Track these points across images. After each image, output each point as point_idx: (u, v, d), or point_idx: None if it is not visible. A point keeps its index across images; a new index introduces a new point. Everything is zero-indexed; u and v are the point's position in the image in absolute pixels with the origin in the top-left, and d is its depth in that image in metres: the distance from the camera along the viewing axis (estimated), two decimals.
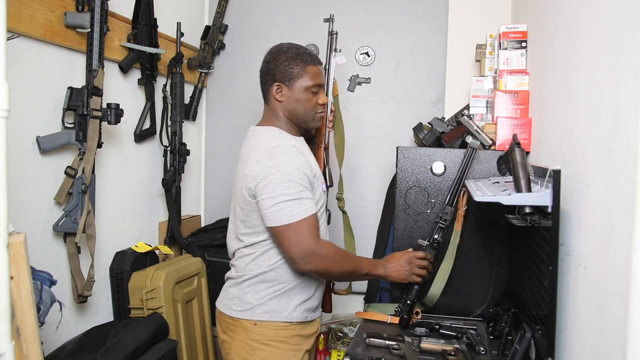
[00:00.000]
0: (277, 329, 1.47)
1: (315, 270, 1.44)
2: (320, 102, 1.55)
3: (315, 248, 1.40)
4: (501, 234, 1.70)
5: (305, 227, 1.40)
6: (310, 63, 1.52)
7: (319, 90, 1.55)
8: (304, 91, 1.51)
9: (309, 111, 1.54)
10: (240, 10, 2.53)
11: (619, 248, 0.86)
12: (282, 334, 1.48)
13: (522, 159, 1.22)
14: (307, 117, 1.55)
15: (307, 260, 1.40)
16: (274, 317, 1.47)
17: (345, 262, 1.49)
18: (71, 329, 1.67)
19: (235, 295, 1.51)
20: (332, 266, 1.45)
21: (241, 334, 1.48)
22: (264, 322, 1.47)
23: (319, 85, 1.54)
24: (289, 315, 1.48)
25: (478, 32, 2.11)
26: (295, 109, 1.52)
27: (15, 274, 0.89)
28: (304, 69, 1.50)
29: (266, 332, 1.47)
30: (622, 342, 0.77)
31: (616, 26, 0.94)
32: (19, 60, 1.45)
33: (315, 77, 1.52)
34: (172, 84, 2.18)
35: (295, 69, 1.50)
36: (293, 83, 1.51)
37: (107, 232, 1.85)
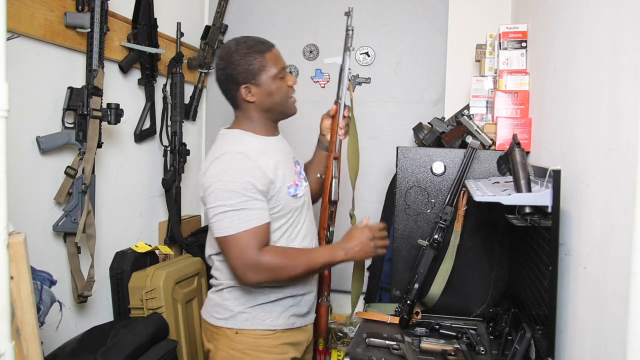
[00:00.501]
0: (259, 337, 1.42)
1: (259, 282, 1.36)
2: (290, 83, 1.48)
3: (254, 261, 1.32)
4: (501, 234, 1.70)
5: (247, 239, 1.32)
6: (265, 50, 1.44)
7: (285, 73, 1.48)
8: (272, 81, 1.44)
9: (284, 98, 1.47)
10: (240, 10, 2.53)
11: (619, 248, 0.86)
12: (264, 343, 1.42)
13: (522, 159, 1.22)
14: (284, 105, 1.48)
15: (248, 275, 1.33)
16: (256, 325, 1.42)
17: (293, 266, 1.37)
18: (71, 329, 1.67)
19: (216, 303, 1.46)
20: (279, 275, 1.36)
21: (224, 342, 1.43)
22: (246, 330, 1.41)
23: (283, 68, 1.47)
24: (272, 323, 1.43)
25: (478, 32, 2.11)
26: (271, 102, 1.46)
27: (15, 274, 0.89)
28: (263, 59, 1.43)
29: (248, 340, 1.41)
30: (622, 342, 0.77)
31: (616, 26, 0.94)
32: (19, 60, 1.45)
33: (276, 62, 1.45)
34: (172, 84, 2.18)
35: (255, 63, 1.42)
36: (259, 78, 1.43)
37: (107, 232, 1.85)
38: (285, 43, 2.51)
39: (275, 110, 1.49)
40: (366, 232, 1.45)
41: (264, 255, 1.33)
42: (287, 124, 1.61)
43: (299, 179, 1.51)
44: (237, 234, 1.32)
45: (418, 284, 1.63)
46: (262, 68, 1.42)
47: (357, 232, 1.46)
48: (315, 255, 1.44)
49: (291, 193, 1.45)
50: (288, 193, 1.44)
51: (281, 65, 1.46)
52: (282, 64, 1.47)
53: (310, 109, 2.47)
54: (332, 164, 1.58)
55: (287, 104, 1.49)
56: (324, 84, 2.46)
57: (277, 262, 1.35)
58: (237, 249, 1.32)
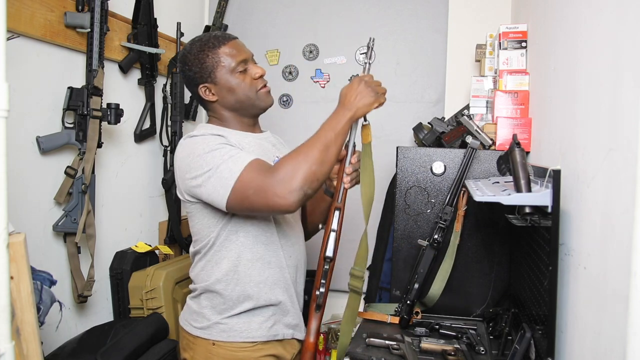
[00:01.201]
0: (237, 350, 1.33)
1: (301, 187, 1.16)
2: (255, 76, 1.37)
3: (273, 179, 1.17)
4: (501, 234, 1.70)
5: (254, 172, 1.20)
6: (218, 45, 1.34)
7: (246, 65, 1.37)
8: (231, 76, 1.34)
9: (248, 92, 1.36)
10: (240, 10, 2.53)
11: (619, 248, 0.86)
12: (243, 356, 1.34)
13: (522, 159, 1.22)
14: (250, 99, 1.37)
15: (279, 196, 1.16)
16: (233, 337, 1.33)
17: (306, 150, 1.21)
18: (71, 329, 1.67)
19: (194, 310, 1.39)
20: (302, 167, 1.17)
21: (200, 353, 1.35)
22: (222, 342, 1.33)
23: (243, 61, 1.35)
24: (250, 335, 1.34)
25: (478, 32, 2.11)
26: (233, 99, 1.37)
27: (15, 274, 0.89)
28: (216, 54, 1.34)
29: (224, 353, 1.33)
30: (622, 342, 0.77)
31: (616, 26, 0.94)
32: (19, 60, 1.45)
33: (234, 55, 1.34)
34: (172, 84, 2.18)
35: (208, 60, 1.34)
36: (215, 75, 1.34)
37: (107, 232, 1.85)
38: (285, 43, 2.52)
39: (242, 107, 1.39)
40: (361, 84, 1.29)
41: (276, 167, 1.20)
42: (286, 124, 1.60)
43: None
44: (240, 174, 1.19)
45: (418, 284, 1.63)
46: (216, 64, 1.34)
47: (353, 86, 1.30)
48: (321, 130, 1.26)
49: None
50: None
51: (241, 57, 1.35)
52: (243, 56, 1.36)
53: (310, 109, 2.48)
54: (333, 215, 1.37)
55: (256, 97, 1.38)
56: (324, 84, 2.46)
57: (289, 159, 1.20)
58: (252, 186, 1.18)
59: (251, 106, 1.39)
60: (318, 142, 1.21)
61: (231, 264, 1.34)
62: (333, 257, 1.35)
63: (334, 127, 1.24)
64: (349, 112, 1.26)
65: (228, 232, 1.34)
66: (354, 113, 1.27)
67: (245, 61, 1.37)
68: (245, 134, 1.41)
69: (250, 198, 1.19)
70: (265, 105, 1.41)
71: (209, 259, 1.37)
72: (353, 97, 1.27)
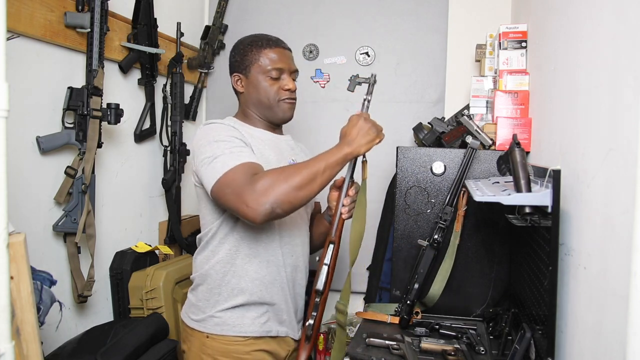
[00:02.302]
0: (229, 343, 1.35)
1: (270, 205, 1.18)
2: (285, 87, 1.42)
3: (249, 185, 1.18)
4: (501, 234, 1.70)
5: (239, 172, 1.21)
6: (265, 47, 1.42)
7: (282, 74, 1.43)
8: (262, 77, 1.41)
9: (271, 98, 1.42)
10: (240, 10, 2.53)
11: (619, 248, 0.86)
12: (234, 349, 1.35)
13: (522, 159, 1.22)
14: (271, 105, 1.42)
15: (250, 205, 1.17)
16: (226, 331, 1.35)
17: (291, 172, 1.21)
18: (71, 329, 1.67)
19: (192, 303, 1.43)
20: (280, 187, 1.18)
21: (196, 345, 1.38)
22: (216, 335, 1.36)
23: (279, 69, 1.42)
24: (242, 329, 1.36)
25: (478, 32, 2.11)
26: (256, 97, 1.43)
27: (15, 274, 0.89)
28: (259, 53, 1.42)
29: (217, 346, 1.35)
30: (622, 342, 0.77)
31: (616, 26, 0.94)
32: (19, 60, 1.45)
33: (274, 61, 1.41)
34: (172, 84, 2.18)
35: (249, 55, 1.42)
36: (249, 70, 1.43)
37: (107, 232, 1.85)
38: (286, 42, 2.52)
39: (260, 107, 1.44)
40: (355, 119, 1.31)
41: (258, 177, 1.21)
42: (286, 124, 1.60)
43: None
44: (229, 170, 1.23)
45: (418, 284, 1.63)
46: (254, 61, 1.42)
47: (349, 125, 1.31)
48: (316, 157, 1.27)
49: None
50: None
51: (280, 65, 1.42)
52: (281, 65, 1.43)
53: (310, 109, 2.48)
54: (327, 248, 1.36)
55: (277, 105, 1.43)
56: (324, 84, 2.46)
57: (272, 174, 1.21)
58: (231, 186, 1.21)
59: (269, 112, 1.45)
60: (305, 169, 1.23)
61: (229, 256, 1.38)
62: (324, 290, 1.34)
63: (327, 159, 1.25)
64: (348, 148, 1.27)
65: (229, 222, 1.37)
66: (353, 149, 1.28)
67: (282, 70, 1.43)
68: (265, 132, 1.46)
69: (227, 196, 1.22)
70: (283, 116, 1.46)
71: (212, 249, 1.40)
72: (355, 134, 1.29)
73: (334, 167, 1.25)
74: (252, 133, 1.42)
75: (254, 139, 1.38)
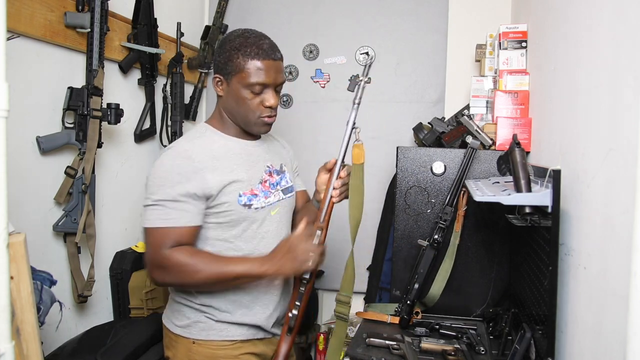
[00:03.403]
0: (217, 348, 1.33)
1: (164, 282, 1.28)
2: (266, 104, 1.31)
3: (161, 258, 1.22)
4: (501, 234, 1.70)
5: (159, 236, 1.22)
6: (253, 57, 1.27)
7: (265, 90, 1.31)
8: (242, 89, 1.29)
9: (249, 113, 1.32)
10: (240, 10, 2.53)
11: (619, 248, 0.86)
12: (223, 354, 1.33)
13: (522, 159, 1.22)
14: (248, 120, 1.33)
15: (154, 272, 1.24)
16: (212, 336, 1.32)
17: (198, 269, 1.22)
18: (71, 329, 1.67)
19: (175, 308, 1.37)
20: (182, 276, 1.22)
21: (182, 352, 1.34)
22: (202, 341, 1.32)
23: (263, 84, 1.29)
24: (230, 334, 1.33)
25: (478, 32, 2.11)
26: (234, 108, 1.33)
27: (15, 274, 0.89)
28: (245, 63, 1.27)
29: (205, 352, 1.32)
30: (622, 342, 0.77)
31: (616, 26, 0.95)
32: (19, 60, 1.45)
33: (258, 74, 1.27)
34: (172, 84, 2.18)
35: (234, 61, 1.28)
36: (231, 78, 1.30)
37: (107, 232, 1.85)
38: (285, 43, 2.50)
39: (236, 118, 1.36)
40: (285, 244, 1.27)
41: (174, 253, 1.22)
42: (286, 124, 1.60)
43: (261, 189, 1.35)
44: (153, 228, 1.24)
45: (418, 284, 1.63)
46: (238, 70, 1.29)
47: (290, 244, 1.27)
48: (232, 262, 1.26)
49: (242, 202, 1.30)
50: (238, 201, 1.30)
51: (265, 80, 1.29)
52: (267, 80, 1.29)
53: (310, 109, 2.48)
54: (315, 235, 1.31)
55: (252, 119, 1.33)
56: (324, 84, 2.46)
57: (183, 261, 1.21)
58: (149, 244, 1.25)
59: (245, 125, 1.36)
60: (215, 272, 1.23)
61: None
62: (310, 278, 1.31)
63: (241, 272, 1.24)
64: (271, 268, 1.24)
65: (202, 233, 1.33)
66: (275, 271, 1.25)
67: (266, 86, 1.30)
68: (238, 141, 1.38)
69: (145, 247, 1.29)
70: (258, 132, 1.39)
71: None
72: (278, 258, 1.26)
73: (246, 279, 1.27)
74: (224, 148, 1.34)
75: (218, 158, 1.31)
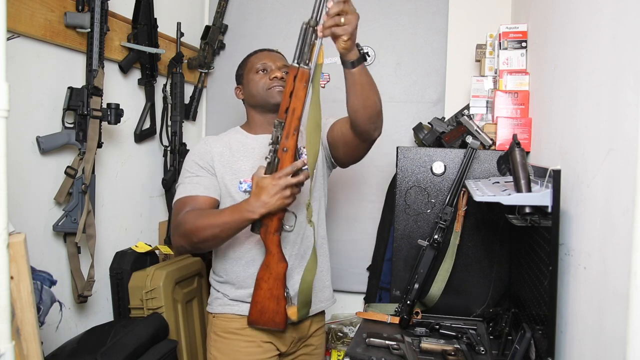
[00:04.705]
0: (229, 320, 1.51)
1: (180, 245, 1.42)
2: (271, 75, 1.53)
3: (176, 221, 1.42)
4: (501, 234, 1.70)
5: (178, 205, 1.44)
6: (253, 54, 1.62)
7: (269, 67, 1.55)
8: (251, 76, 1.56)
9: (260, 88, 1.54)
10: (240, 10, 2.53)
11: (619, 248, 0.86)
12: (232, 326, 1.50)
13: (522, 159, 1.22)
14: (261, 95, 1.53)
15: (173, 236, 1.45)
16: (227, 310, 1.51)
17: (198, 223, 1.36)
18: (71, 329, 1.67)
19: (210, 291, 1.61)
20: (188, 232, 1.37)
21: (209, 327, 1.56)
22: (219, 314, 1.52)
23: (264, 63, 1.55)
24: (240, 309, 1.49)
25: (478, 32, 2.11)
26: (251, 94, 1.56)
27: (15, 274, 0.89)
28: (248, 60, 1.61)
29: (220, 324, 1.51)
30: (622, 342, 0.77)
31: (616, 26, 0.95)
32: (19, 60, 1.45)
33: (259, 59, 1.57)
34: (172, 84, 2.18)
35: (243, 66, 1.62)
36: (244, 78, 1.59)
37: (107, 232, 1.85)
38: (285, 43, 2.50)
39: (256, 102, 1.55)
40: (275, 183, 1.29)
41: (185, 215, 1.40)
42: None
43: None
44: (174, 202, 1.47)
45: (418, 284, 1.63)
46: (246, 69, 1.59)
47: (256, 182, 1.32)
48: (220, 213, 1.37)
49: (242, 189, 1.48)
50: (239, 188, 1.48)
51: (265, 60, 1.56)
52: (267, 60, 1.56)
53: None
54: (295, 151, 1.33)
55: (266, 93, 1.53)
56: (324, 84, 2.46)
57: (187, 218, 1.39)
58: (172, 216, 1.47)
59: (263, 100, 1.54)
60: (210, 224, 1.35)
61: (220, 261, 1.55)
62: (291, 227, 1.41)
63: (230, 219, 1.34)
64: (258, 213, 1.31)
65: None
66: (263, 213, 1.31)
67: (267, 65, 1.56)
68: (255, 137, 1.56)
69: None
70: (273, 101, 1.51)
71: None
72: (252, 199, 1.31)
73: (235, 225, 1.34)
74: (239, 142, 1.55)
75: (232, 148, 1.53)
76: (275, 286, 1.39)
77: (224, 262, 1.53)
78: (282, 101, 1.32)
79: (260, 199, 1.29)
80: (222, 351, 1.51)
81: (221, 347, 1.50)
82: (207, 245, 1.43)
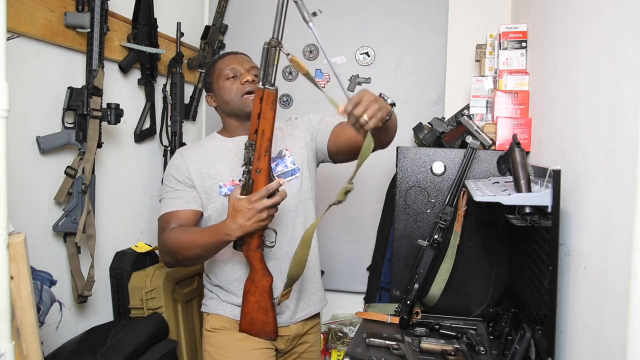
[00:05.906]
0: (221, 321, 1.52)
1: (168, 263, 1.47)
2: (242, 80, 1.49)
3: (160, 241, 1.46)
4: (501, 234, 1.70)
5: (161, 223, 1.47)
6: (219, 60, 1.57)
7: (238, 72, 1.51)
8: (221, 82, 1.52)
9: (232, 95, 1.50)
10: (240, 10, 2.53)
11: (619, 248, 0.86)
12: (225, 323, 1.52)
13: (522, 159, 1.23)
14: (235, 102, 1.50)
15: (160, 254, 1.49)
16: (220, 311, 1.52)
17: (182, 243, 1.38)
18: (71, 329, 1.67)
19: (204, 292, 1.61)
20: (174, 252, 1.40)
21: (204, 325, 1.57)
22: (212, 314, 1.54)
23: (232, 68, 1.51)
24: (233, 312, 1.49)
25: (478, 32, 2.11)
26: (223, 101, 1.53)
27: (15, 274, 0.89)
28: (214, 66, 1.56)
29: (212, 321, 1.53)
30: (622, 342, 0.77)
31: (616, 26, 0.95)
32: (19, 60, 1.45)
33: (226, 64, 1.53)
34: (172, 84, 2.18)
35: (211, 73, 1.57)
36: (214, 85, 1.55)
37: (107, 232, 1.85)
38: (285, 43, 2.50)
39: (232, 110, 1.52)
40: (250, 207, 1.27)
41: (169, 233, 1.41)
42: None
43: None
44: (159, 218, 1.48)
45: (418, 284, 1.63)
46: (214, 77, 1.55)
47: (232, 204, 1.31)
48: (200, 233, 1.37)
49: (222, 192, 1.47)
50: (219, 192, 1.47)
51: (233, 65, 1.52)
52: (235, 64, 1.52)
53: (310, 109, 2.47)
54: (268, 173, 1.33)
55: (237, 99, 1.50)
56: (324, 84, 2.46)
57: (170, 238, 1.41)
58: (158, 231, 1.48)
59: (238, 109, 1.52)
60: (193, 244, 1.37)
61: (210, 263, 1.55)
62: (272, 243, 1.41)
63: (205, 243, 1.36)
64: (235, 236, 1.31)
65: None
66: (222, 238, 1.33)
67: (236, 69, 1.52)
68: (231, 140, 1.54)
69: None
70: (248, 109, 1.43)
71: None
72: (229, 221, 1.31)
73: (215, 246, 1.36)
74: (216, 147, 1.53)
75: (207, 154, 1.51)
76: (262, 299, 1.41)
77: (213, 265, 1.53)
78: (250, 122, 1.30)
79: (236, 222, 1.29)
80: (215, 345, 1.51)
81: (214, 342, 1.51)
82: (192, 262, 1.48)
